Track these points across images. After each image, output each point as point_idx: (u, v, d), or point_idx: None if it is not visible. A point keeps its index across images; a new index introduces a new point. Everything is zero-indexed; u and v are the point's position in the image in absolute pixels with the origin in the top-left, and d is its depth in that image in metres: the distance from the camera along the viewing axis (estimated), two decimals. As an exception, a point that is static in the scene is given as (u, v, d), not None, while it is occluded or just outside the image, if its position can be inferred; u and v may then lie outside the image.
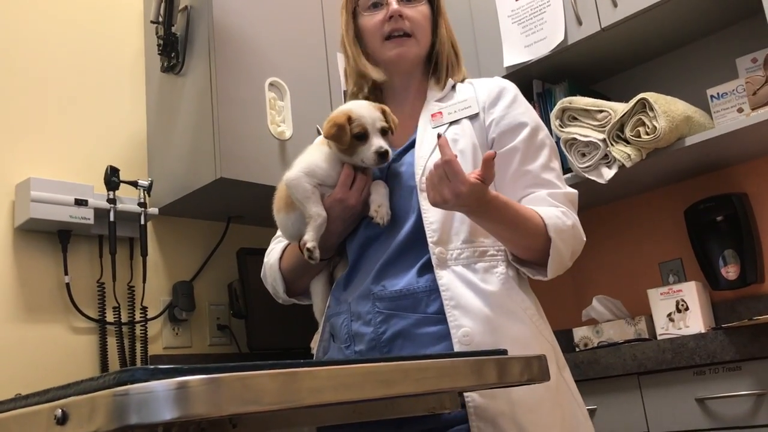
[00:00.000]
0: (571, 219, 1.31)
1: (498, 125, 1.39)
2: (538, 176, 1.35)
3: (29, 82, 2.34)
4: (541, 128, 1.40)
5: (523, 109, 1.41)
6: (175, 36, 2.41)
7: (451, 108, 1.42)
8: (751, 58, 2.19)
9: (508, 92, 1.43)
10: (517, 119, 1.39)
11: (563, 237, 1.27)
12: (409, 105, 1.47)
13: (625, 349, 1.98)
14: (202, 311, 2.54)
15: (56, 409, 0.69)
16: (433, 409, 1.11)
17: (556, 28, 2.38)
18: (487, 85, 1.46)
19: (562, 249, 1.27)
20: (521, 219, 1.25)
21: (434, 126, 1.40)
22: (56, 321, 2.22)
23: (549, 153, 1.39)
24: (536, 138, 1.38)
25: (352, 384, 0.79)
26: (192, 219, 2.60)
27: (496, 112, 1.40)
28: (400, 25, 1.41)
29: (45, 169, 2.27)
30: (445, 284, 1.26)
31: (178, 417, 0.63)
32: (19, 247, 2.20)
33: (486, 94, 1.43)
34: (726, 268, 2.29)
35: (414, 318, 1.27)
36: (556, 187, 1.35)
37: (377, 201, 1.34)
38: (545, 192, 1.33)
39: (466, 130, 1.38)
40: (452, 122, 1.40)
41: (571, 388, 1.32)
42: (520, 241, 1.28)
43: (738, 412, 1.79)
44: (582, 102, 2.26)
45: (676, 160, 2.25)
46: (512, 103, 1.41)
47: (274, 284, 1.49)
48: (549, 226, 1.26)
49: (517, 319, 1.27)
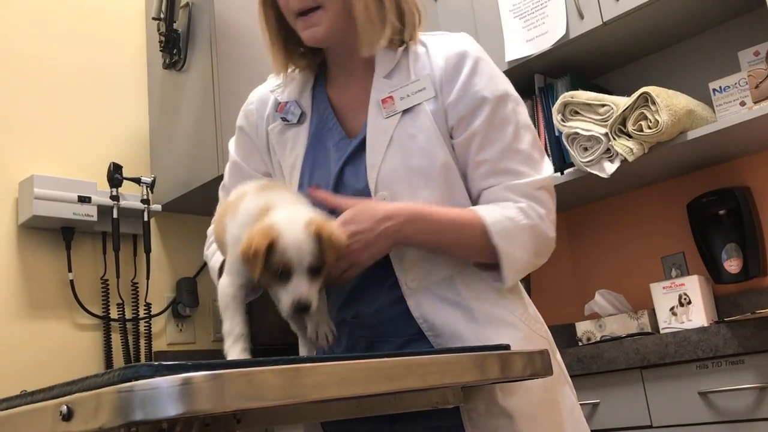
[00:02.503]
0: (528, 217, 1.14)
1: (455, 109, 1.18)
2: (496, 165, 1.17)
3: (32, 79, 2.34)
4: (504, 101, 1.19)
5: (484, 80, 1.19)
6: (176, 32, 2.41)
7: (402, 91, 1.20)
8: (753, 51, 2.19)
9: (466, 61, 1.20)
10: (475, 97, 1.18)
11: (515, 241, 1.13)
12: (359, 77, 1.26)
13: (627, 343, 1.98)
14: (205, 307, 2.55)
15: (61, 405, 0.69)
16: (436, 404, 1.11)
17: (557, 22, 2.38)
18: (443, 51, 1.22)
19: (514, 254, 1.14)
20: (457, 230, 1.13)
21: (386, 116, 1.19)
22: (60, 318, 2.23)
23: (513, 131, 1.18)
24: (497, 115, 1.18)
25: (356, 379, 0.79)
26: (195, 215, 2.60)
27: (453, 92, 1.19)
28: (300, 4, 1.19)
29: (48, 166, 2.28)
30: (421, 315, 1.15)
31: (183, 413, 0.63)
32: (23, 245, 2.21)
33: (442, 67, 1.20)
34: (728, 262, 2.29)
35: (400, 341, 1.18)
36: (518, 175, 1.16)
37: (314, 318, 1.12)
38: (503, 186, 1.16)
39: (425, 121, 1.18)
40: (406, 110, 1.19)
41: (563, 370, 1.26)
42: (466, 254, 1.16)
43: (741, 405, 1.79)
44: (584, 96, 2.25)
45: (678, 154, 2.24)
46: (471, 76, 1.19)
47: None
48: (493, 233, 1.12)
49: (507, 325, 1.17)
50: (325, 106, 1.29)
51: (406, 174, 1.16)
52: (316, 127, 1.28)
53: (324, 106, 1.29)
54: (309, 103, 1.30)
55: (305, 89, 1.31)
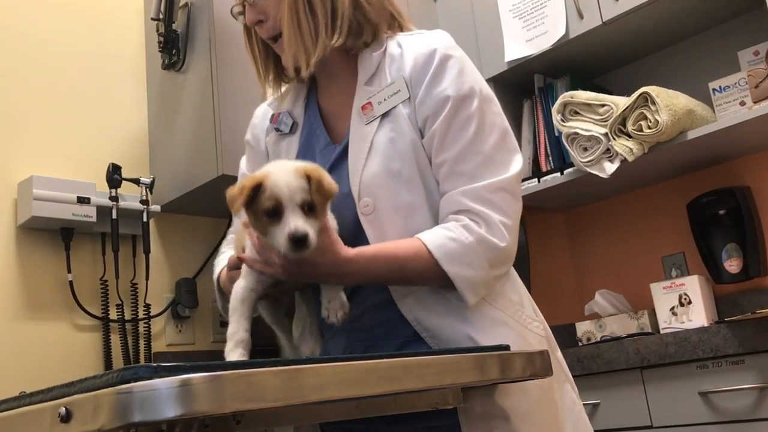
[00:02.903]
0: (473, 233, 1.10)
1: (421, 109, 1.17)
2: (454, 167, 1.14)
3: (30, 80, 2.34)
4: (468, 99, 1.15)
5: (449, 78, 1.17)
6: (175, 33, 2.41)
7: (380, 95, 1.20)
8: (753, 50, 2.19)
9: (433, 59, 1.18)
10: (439, 96, 1.16)
11: (462, 261, 1.09)
12: (343, 83, 1.28)
13: (627, 343, 1.98)
14: (205, 308, 2.55)
15: (60, 407, 0.69)
16: (436, 404, 1.11)
17: (557, 22, 2.38)
18: (414, 50, 1.21)
19: (467, 274, 1.10)
20: (400, 266, 1.10)
21: (367, 122, 1.19)
22: (59, 319, 2.22)
23: (475, 131, 1.14)
24: (459, 115, 1.14)
25: (355, 380, 0.79)
26: (194, 216, 2.60)
27: (420, 92, 1.17)
28: (265, 34, 1.26)
29: (47, 167, 2.28)
30: (414, 318, 1.15)
31: (182, 414, 0.63)
32: (21, 245, 2.20)
33: (411, 66, 1.19)
34: (729, 262, 2.29)
35: (398, 343, 1.18)
36: (474, 178, 1.12)
37: (328, 294, 1.11)
38: (458, 191, 1.13)
39: (402, 125, 1.17)
40: (384, 114, 1.19)
41: (564, 368, 1.26)
42: (421, 283, 1.14)
43: (741, 405, 1.79)
44: (584, 96, 2.25)
45: (678, 153, 2.24)
46: (436, 74, 1.17)
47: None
48: (438, 258, 1.09)
49: (499, 324, 1.16)
50: (315, 115, 1.31)
51: (387, 179, 1.16)
52: (306, 135, 1.30)
53: (314, 115, 1.31)
54: (301, 112, 1.32)
55: (298, 100, 1.34)
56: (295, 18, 1.19)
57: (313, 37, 1.20)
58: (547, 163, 2.49)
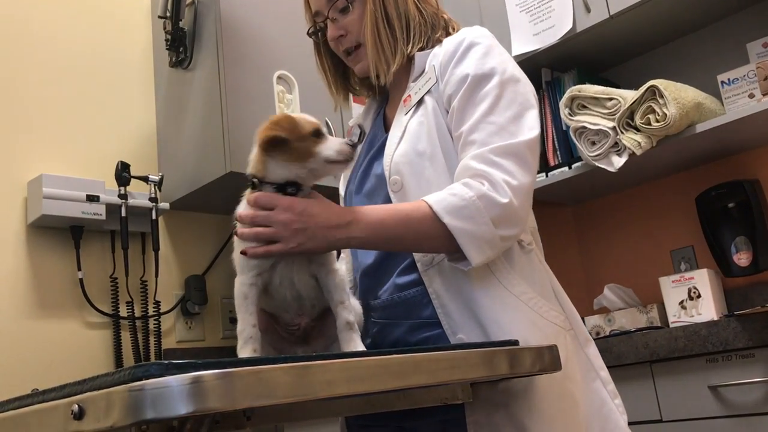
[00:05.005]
0: (474, 188, 1.11)
1: (445, 89, 1.24)
2: (467, 137, 1.17)
3: (39, 79, 2.35)
4: (487, 77, 1.20)
5: (473, 60, 1.22)
6: (182, 30, 2.42)
7: (416, 86, 1.29)
8: (762, 42, 2.17)
9: (461, 46, 1.25)
10: (460, 75, 1.21)
11: (462, 214, 1.10)
12: (401, 88, 1.37)
13: (637, 337, 1.98)
14: (214, 305, 2.56)
15: (73, 404, 0.70)
16: (445, 399, 1.11)
17: (564, 16, 2.37)
18: (450, 42, 1.29)
19: (469, 228, 1.10)
20: (404, 218, 1.12)
21: (405, 112, 1.29)
22: (70, 316, 2.24)
23: (490, 104, 1.17)
24: (477, 90, 1.19)
25: (365, 376, 0.79)
26: (203, 213, 2.61)
27: (446, 75, 1.24)
28: (344, 46, 1.35)
29: (56, 165, 2.29)
30: (435, 291, 1.18)
31: (193, 411, 0.64)
32: (32, 244, 2.22)
33: (442, 55, 1.27)
34: (738, 255, 2.28)
35: (407, 325, 1.22)
36: (484, 143, 1.15)
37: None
38: (468, 155, 1.15)
39: (429, 108, 1.25)
40: (418, 102, 1.27)
41: (594, 364, 1.25)
42: (422, 242, 1.15)
43: (751, 399, 1.78)
44: (591, 90, 2.24)
45: (686, 147, 2.23)
46: (461, 58, 1.24)
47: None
48: (438, 211, 1.10)
49: (512, 308, 1.16)
50: (380, 123, 1.41)
51: (413, 158, 1.22)
52: (370, 139, 1.40)
53: (379, 124, 1.41)
54: (370, 123, 1.44)
55: (369, 112, 1.46)
56: (375, 31, 1.30)
57: (392, 48, 1.31)
58: (555, 157, 2.48)
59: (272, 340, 1.18)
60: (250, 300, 1.10)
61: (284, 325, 1.18)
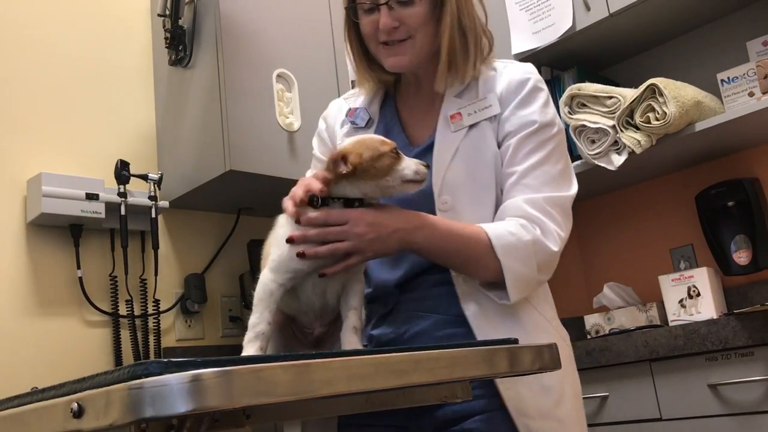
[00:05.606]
0: (531, 233, 1.19)
1: (505, 124, 1.29)
2: (522, 178, 1.24)
3: (38, 78, 2.35)
4: (549, 127, 1.28)
5: (537, 106, 1.29)
6: (182, 29, 2.41)
7: (470, 108, 1.31)
8: (761, 41, 2.17)
9: (527, 85, 1.31)
10: (525, 118, 1.28)
11: (516, 255, 1.17)
12: (426, 96, 1.38)
13: (636, 335, 1.98)
14: (214, 303, 2.56)
15: (72, 402, 0.69)
16: (445, 398, 1.12)
17: (564, 14, 2.37)
18: (510, 75, 1.33)
19: (518, 269, 1.17)
20: (463, 241, 1.18)
21: (454, 130, 1.30)
22: (70, 315, 2.24)
23: (547, 154, 1.26)
24: (537, 136, 1.27)
25: (365, 375, 0.79)
26: (202, 211, 2.61)
27: (508, 110, 1.29)
28: (393, 36, 1.30)
29: (56, 164, 2.29)
30: (471, 315, 1.22)
31: (192, 409, 0.63)
32: (31, 242, 2.22)
33: (505, 87, 1.31)
34: (738, 254, 2.28)
35: (434, 318, 1.25)
36: (537, 190, 1.23)
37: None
38: (522, 198, 1.23)
39: (489, 137, 1.28)
40: (472, 125, 1.30)
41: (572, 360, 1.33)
42: (470, 266, 1.21)
43: (751, 397, 1.79)
44: (591, 88, 2.24)
45: (686, 145, 2.23)
46: (527, 99, 1.30)
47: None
48: (496, 247, 1.17)
49: (543, 330, 1.25)
50: (393, 115, 1.41)
51: (469, 183, 1.26)
52: (381, 132, 1.38)
53: (391, 115, 1.41)
54: (377, 110, 1.42)
55: (375, 99, 1.43)
56: (452, 41, 1.30)
57: (465, 63, 1.32)
58: (555, 155, 2.48)
59: (284, 341, 1.19)
60: (274, 298, 1.11)
61: (300, 327, 1.18)
